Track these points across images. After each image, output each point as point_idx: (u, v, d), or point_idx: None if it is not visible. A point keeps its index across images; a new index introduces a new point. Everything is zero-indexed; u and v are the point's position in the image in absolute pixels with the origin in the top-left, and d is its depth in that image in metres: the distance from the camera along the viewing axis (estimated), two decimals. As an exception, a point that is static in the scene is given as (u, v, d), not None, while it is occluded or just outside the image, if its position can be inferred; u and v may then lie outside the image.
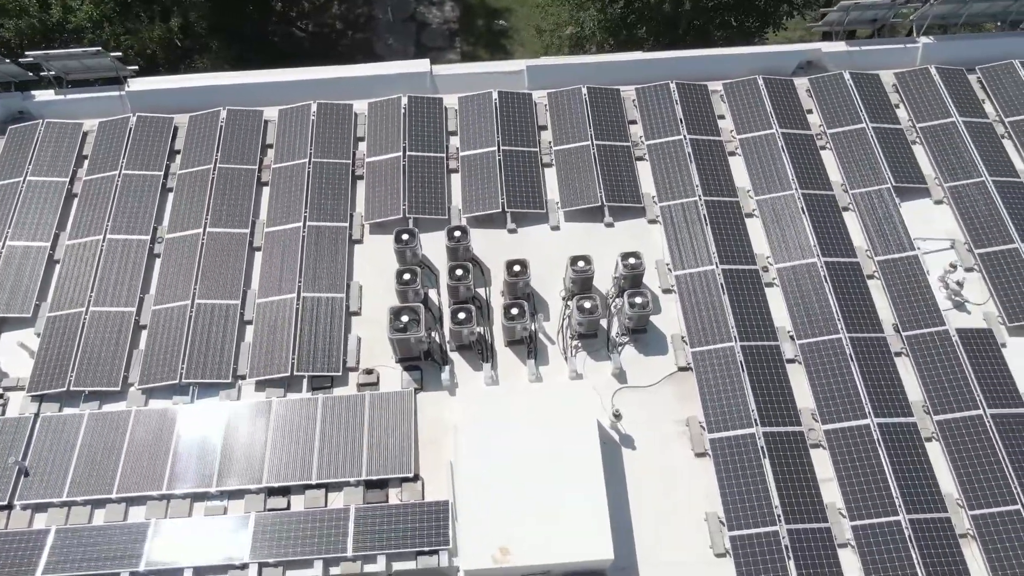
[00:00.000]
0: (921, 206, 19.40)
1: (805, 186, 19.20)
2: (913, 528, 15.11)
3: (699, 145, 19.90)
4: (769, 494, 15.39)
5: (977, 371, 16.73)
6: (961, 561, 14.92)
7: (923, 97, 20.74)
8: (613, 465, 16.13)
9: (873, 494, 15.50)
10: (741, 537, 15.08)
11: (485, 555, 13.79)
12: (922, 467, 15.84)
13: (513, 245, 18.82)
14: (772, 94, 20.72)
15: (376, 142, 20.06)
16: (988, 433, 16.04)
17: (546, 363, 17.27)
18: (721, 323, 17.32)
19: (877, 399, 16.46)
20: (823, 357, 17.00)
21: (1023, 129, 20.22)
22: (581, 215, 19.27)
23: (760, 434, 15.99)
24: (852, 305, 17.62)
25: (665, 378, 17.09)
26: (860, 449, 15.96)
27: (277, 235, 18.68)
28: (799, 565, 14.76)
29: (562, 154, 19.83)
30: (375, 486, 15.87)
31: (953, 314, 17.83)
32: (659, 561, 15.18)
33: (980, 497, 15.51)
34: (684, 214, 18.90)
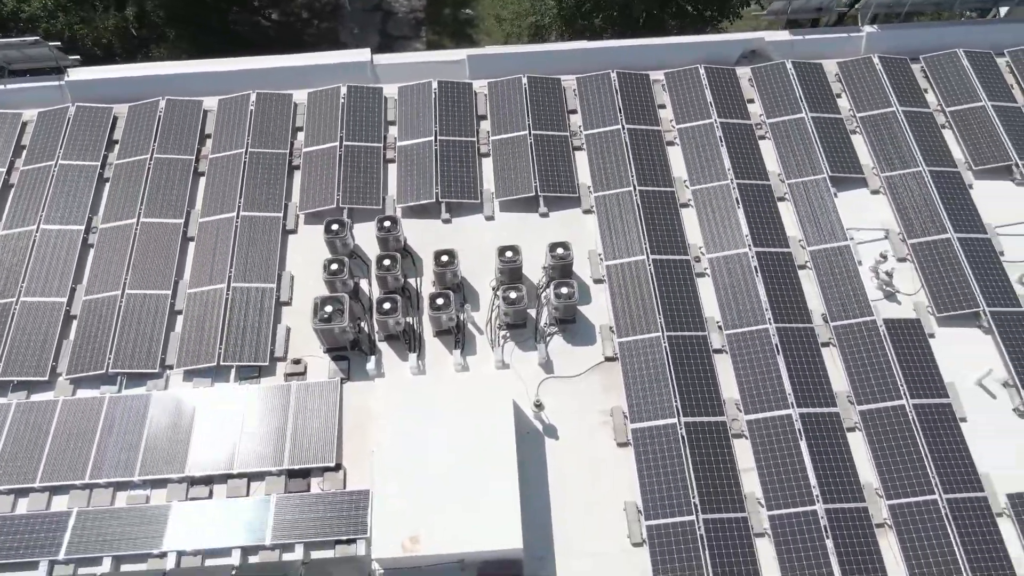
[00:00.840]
0: (857, 196, 19.35)
1: (741, 176, 19.15)
2: (829, 518, 15.16)
3: (637, 134, 19.85)
4: (688, 484, 15.44)
5: (902, 361, 16.73)
6: (876, 551, 14.98)
7: (864, 86, 20.65)
8: (536, 455, 16.20)
9: (791, 484, 15.55)
10: (657, 526, 15.14)
11: (395, 544, 13.88)
12: (842, 457, 15.87)
13: (447, 235, 18.81)
14: (713, 83, 20.64)
15: (314, 132, 20.02)
16: (909, 423, 16.08)
17: (474, 353, 17.31)
18: (649, 313, 17.33)
19: (801, 389, 16.47)
20: (749, 347, 17.01)
21: (963, 119, 20.17)
22: (516, 205, 19.25)
23: (682, 424, 16.03)
24: (781, 295, 17.62)
25: (591, 368, 17.12)
26: (781, 439, 15.99)
27: (210, 225, 18.69)
28: (714, 555, 14.84)
29: (499, 144, 19.78)
30: (297, 475, 15.93)
31: (883, 304, 17.84)
32: (578, 550, 15.24)
33: (898, 487, 15.54)
34: (619, 204, 18.87)
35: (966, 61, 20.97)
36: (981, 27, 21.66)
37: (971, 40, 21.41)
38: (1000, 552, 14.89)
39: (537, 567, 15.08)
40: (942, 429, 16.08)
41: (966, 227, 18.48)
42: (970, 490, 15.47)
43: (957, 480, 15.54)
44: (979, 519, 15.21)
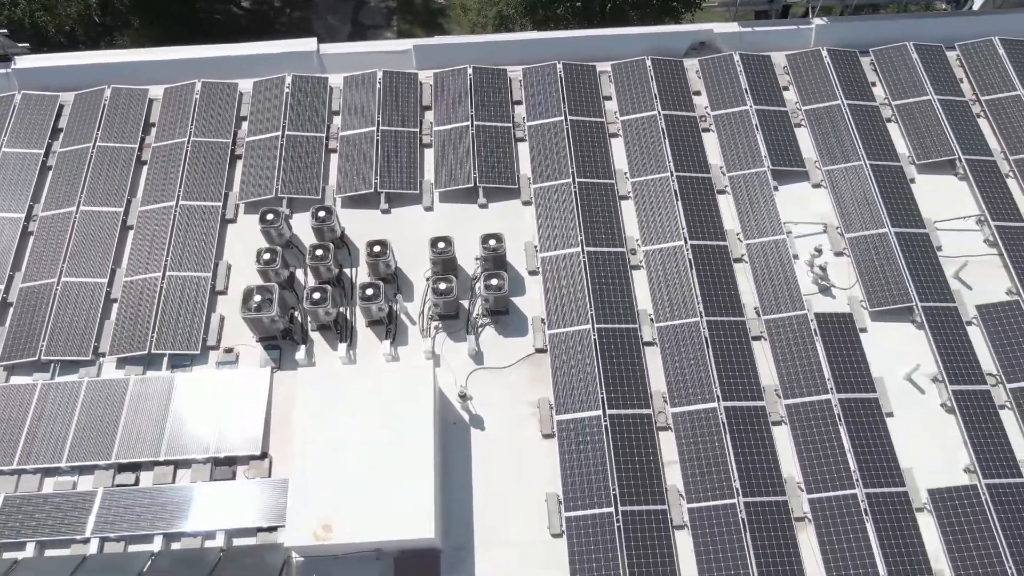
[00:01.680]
0: (799, 189, 19.28)
1: (681, 168, 19.10)
2: (748, 511, 15.21)
3: (580, 126, 19.81)
4: (608, 476, 15.50)
5: (831, 355, 16.72)
6: (794, 545, 15.04)
7: (811, 79, 20.54)
8: (461, 446, 16.29)
9: (713, 476, 15.59)
10: (576, 518, 15.21)
11: (308, 532, 13.98)
12: (765, 451, 15.89)
13: (385, 225, 18.84)
14: (659, 75, 20.56)
15: (257, 121, 20.03)
16: (834, 417, 16.08)
17: (405, 344, 17.36)
18: (581, 305, 17.35)
19: (728, 383, 16.49)
20: (679, 340, 17.02)
21: (909, 112, 20.06)
22: (456, 196, 19.24)
23: (606, 416, 16.07)
24: (714, 289, 17.60)
25: (521, 360, 17.16)
26: (705, 432, 16.02)
27: (150, 214, 18.75)
28: (631, 547, 14.91)
29: (441, 134, 19.76)
30: (223, 463, 16.06)
31: (818, 298, 17.80)
32: (497, 540, 15.33)
33: (819, 481, 15.57)
34: (557, 196, 18.85)
35: (915, 54, 20.83)
36: (932, 20, 21.48)
37: (922, 33, 21.26)
38: (917, 547, 14.91)
39: (456, 557, 15.20)
40: (867, 424, 16.08)
41: (904, 222, 18.40)
42: (890, 485, 15.49)
43: (878, 475, 15.55)
44: (898, 514, 15.23)
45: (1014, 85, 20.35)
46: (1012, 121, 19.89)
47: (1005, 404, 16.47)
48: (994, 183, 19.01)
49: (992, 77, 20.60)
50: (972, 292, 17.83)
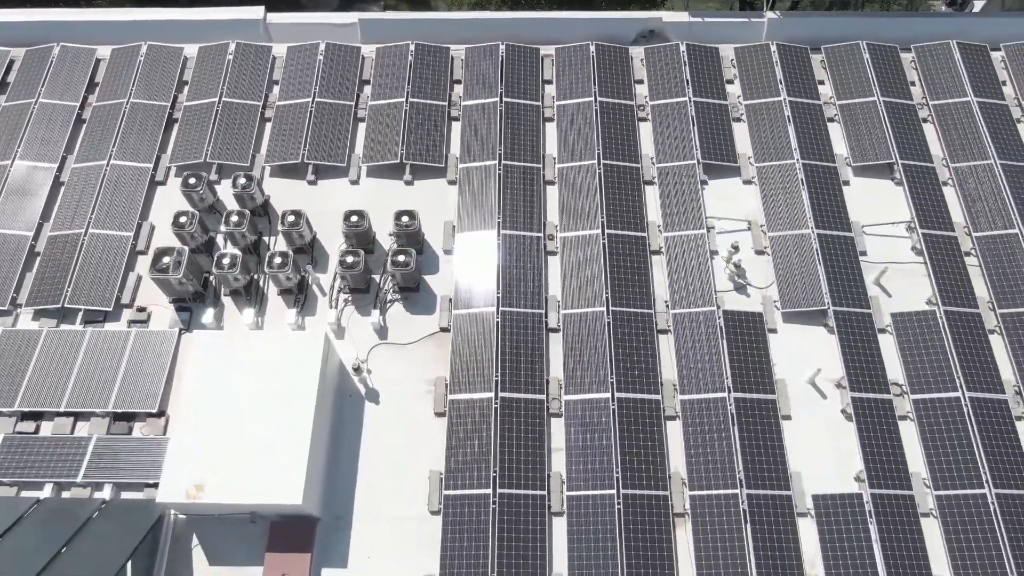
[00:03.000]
0: (729, 185, 18.97)
1: (609, 156, 18.91)
2: (626, 503, 15.11)
3: (515, 108, 19.67)
4: (491, 458, 15.53)
5: (733, 354, 16.51)
6: (670, 540, 14.97)
7: (757, 74, 20.14)
8: (354, 418, 16.43)
9: (596, 465, 15.52)
10: (455, 496, 15.28)
11: (181, 490, 14.24)
12: (655, 445, 15.72)
13: (311, 197, 18.94)
14: (602, 61, 20.32)
15: (198, 87, 20.21)
16: (727, 415, 15.86)
17: (313, 314, 17.52)
18: (489, 288, 17.31)
19: (626, 374, 16.37)
20: (584, 329, 16.93)
21: (852, 113, 19.57)
22: (383, 171, 19.27)
23: (497, 398, 16.09)
24: (626, 280, 17.45)
25: (425, 338, 17.22)
26: (594, 422, 15.94)
27: (81, 171, 19.06)
28: (503, 528, 14.94)
29: (376, 109, 19.77)
30: (122, 419, 16.40)
31: (732, 296, 17.58)
32: (376, 513, 15.47)
33: (704, 479, 15.38)
34: (482, 177, 18.79)
35: (867, 54, 20.30)
36: (890, 20, 20.90)
37: (879, 33, 20.72)
38: (792, 551, 14.76)
39: (334, 526, 15.37)
40: (760, 425, 15.88)
41: (830, 224, 18.04)
42: (775, 488, 15.31)
43: (764, 477, 15.37)
44: (778, 517, 15.07)
45: (964, 91, 19.77)
46: (958, 128, 19.35)
47: (907, 415, 16.16)
48: (929, 190, 18.52)
49: (944, 81, 20.03)
50: (891, 299, 17.45)
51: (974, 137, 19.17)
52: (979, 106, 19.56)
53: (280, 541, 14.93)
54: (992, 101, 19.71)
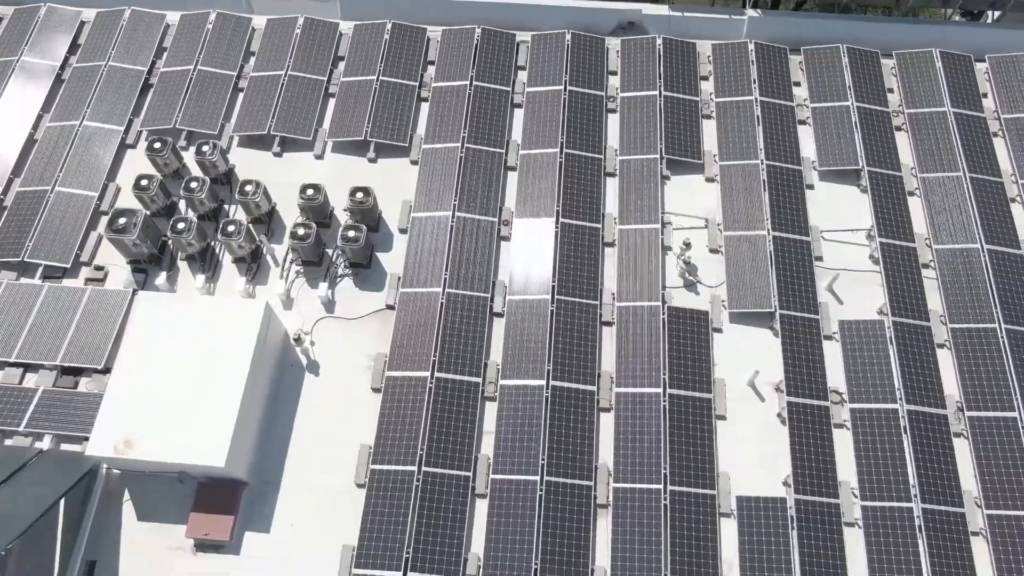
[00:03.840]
0: (692, 181, 18.82)
1: (572, 146, 18.82)
2: (549, 489, 15.18)
3: (485, 93, 19.65)
4: (419, 436, 15.67)
5: (674, 350, 16.43)
6: (589, 535, 15.01)
7: (731, 72, 19.91)
8: (292, 388, 16.66)
9: (522, 450, 15.60)
10: (381, 471, 15.46)
11: (110, 445, 14.58)
12: (583, 437, 15.77)
13: (276, 168, 19.15)
14: (576, 51, 20.23)
15: (175, 54, 20.48)
16: (659, 411, 15.83)
17: (265, 283, 17.74)
18: (437, 268, 17.39)
19: (564, 364, 16.38)
20: (524, 315, 16.92)
21: (824, 116, 19.25)
22: (348, 147, 19.41)
23: (432, 378, 16.20)
24: (574, 269, 17.43)
25: (370, 314, 17.39)
26: (526, 408, 16.01)
27: (55, 130, 19.45)
28: (424, 506, 15.10)
29: (346, 86, 19.89)
30: (69, 372, 16.80)
31: (682, 292, 17.50)
32: (304, 482, 15.72)
33: (631, 473, 15.41)
34: (444, 159, 18.83)
35: (846, 58, 19.96)
36: (875, 24, 20.44)
37: (864, 37, 20.36)
38: (710, 551, 14.72)
39: (262, 492, 15.63)
40: (693, 423, 15.82)
41: (788, 227, 17.83)
42: (700, 486, 15.27)
43: (690, 474, 15.33)
44: (700, 515, 15.03)
45: (942, 101, 19.39)
46: (931, 138, 18.99)
47: (844, 423, 16.01)
48: (893, 199, 18.22)
49: (923, 89, 19.65)
50: (842, 307, 17.25)
51: (946, 148, 18.80)
52: (955, 117, 19.17)
53: (205, 502, 15.23)
54: (969, 112, 19.30)
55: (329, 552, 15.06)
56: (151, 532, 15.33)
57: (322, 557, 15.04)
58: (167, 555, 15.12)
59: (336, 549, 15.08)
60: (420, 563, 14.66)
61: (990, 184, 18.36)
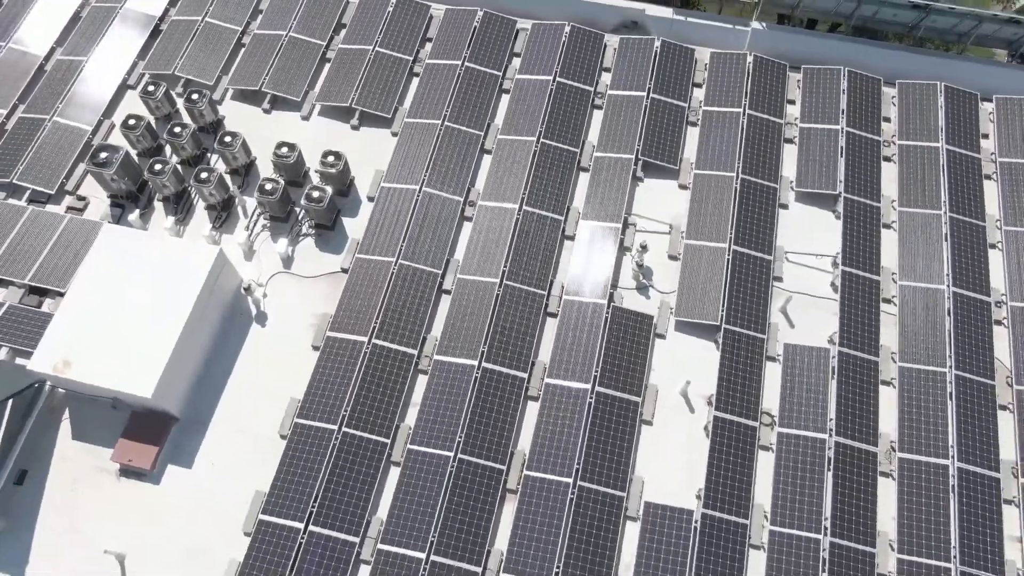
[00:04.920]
0: (664, 186, 18.66)
1: (550, 137, 18.80)
2: (460, 467, 15.41)
3: (475, 75, 19.78)
4: (346, 397, 15.98)
5: (610, 351, 16.38)
6: (492, 523, 15.16)
7: (725, 82, 19.62)
8: (238, 335, 17.17)
9: (443, 426, 15.77)
10: (303, 426, 15.84)
11: (51, 363, 15.30)
12: (506, 424, 15.89)
13: (263, 123, 19.68)
14: (572, 44, 20.20)
15: (188, 3, 21.19)
16: (583, 407, 15.83)
17: (231, 232, 18.29)
18: (396, 238, 17.65)
19: (500, 348, 16.45)
20: (471, 295, 17.07)
21: (811, 137, 18.80)
22: (335, 112, 19.81)
23: (370, 343, 16.51)
24: (528, 258, 17.46)
25: (324, 275, 17.78)
26: (458, 383, 16.19)
27: (63, 64, 20.33)
28: (339, 465, 15.41)
29: (343, 52, 20.26)
30: (36, 292, 17.63)
31: (632, 294, 17.43)
32: (232, 426, 16.21)
33: (546, 463, 15.50)
34: (422, 135, 19.01)
35: (846, 81, 19.48)
36: (882, 50, 19.82)
37: (869, 62, 19.80)
38: (608, 551, 14.68)
39: (191, 429, 16.20)
40: (616, 424, 15.78)
41: (751, 243, 17.57)
42: (610, 486, 15.23)
43: (603, 474, 15.31)
44: (604, 515, 15.00)
45: (936, 135, 18.79)
46: (918, 172, 18.43)
47: (770, 446, 15.76)
48: (866, 229, 17.76)
49: (919, 122, 19.06)
50: (792, 330, 16.95)
51: (932, 184, 18.23)
52: (948, 154, 18.56)
53: (135, 430, 15.86)
54: (963, 151, 18.66)
55: (242, 495, 15.55)
56: (82, 451, 16.05)
57: (235, 499, 15.52)
58: (93, 475, 15.82)
59: (249, 493, 15.55)
60: (324, 519, 15.03)
61: (970, 226, 17.75)
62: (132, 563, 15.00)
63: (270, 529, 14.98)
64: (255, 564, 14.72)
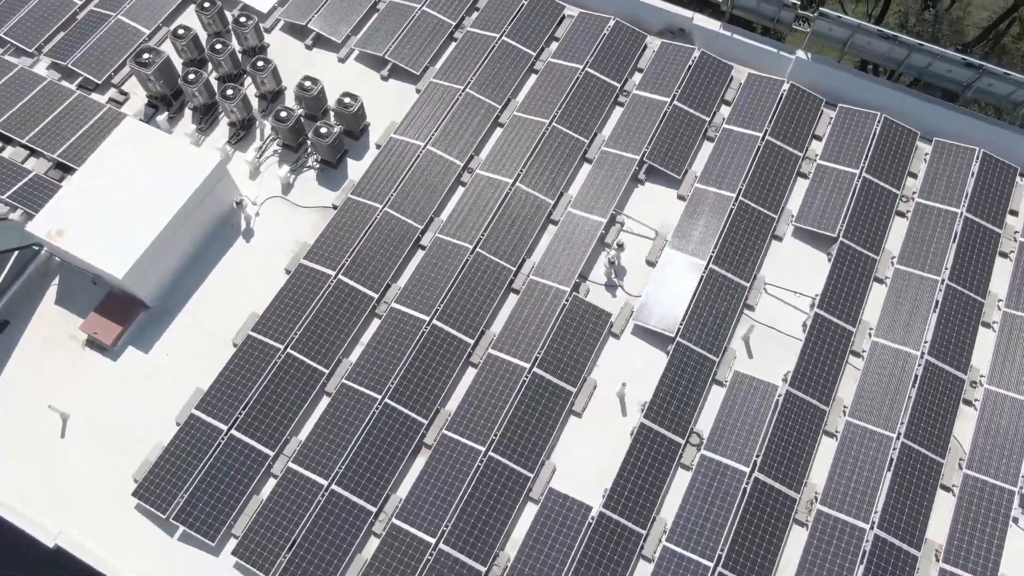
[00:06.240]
0: (662, 192, 18.50)
1: (563, 123, 18.94)
2: (384, 410, 15.85)
3: (510, 51, 20.08)
4: (299, 321, 16.68)
5: (560, 338, 16.45)
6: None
7: (754, 104, 19.20)
8: (223, 245, 18.17)
9: (381, 369, 16.27)
10: (254, 339, 16.59)
11: (46, 228, 16.61)
12: (442, 380, 16.24)
13: (301, 58, 20.61)
14: (612, 38, 20.21)
15: (266, -65, 22.42)
16: (519, 381, 15.96)
17: (244, 151, 19.29)
18: (387, 187, 18.20)
19: (454, 311, 16.82)
20: (445, 255, 17.47)
21: (826, 176, 18.19)
22: (370, 61, 20.55)
23: (335, 278, 17.14)
24: (509, 234, 17.70)
25: (315, 207, 18.52)
26: (406, 334, 16.64)
27: (143, -30, 21.94)
28: (275, 382, 16.15)
29: (391, 5, 20.95)
30: (61, 168, 19.03)
31: (600, 290, 17.41)
32: (195, 325, 17.18)
33: (463, 426, 15.77)
34: (443, 96, 19.49)
35: (878, 126, 18.75)
36: (927, 104, 18.86)
37: (914, 114, 18.96)
38: (499, 529, 14.83)
39: (157, 319, 17.27)
40: (543, 407, 15.88)
41: (730, 266, 17.23)
42: (519, 464, 15.33)
43: (516, 451, 15.43)
44: (507, 492, 15.12)
45: (959, 201, 17.86)
46: (929, 233, 17.58)
47: (689, 465, 15.51)
48: (854, 279, 17.10)
49: (944, 184, 18.16)
50: (750, 360, 16.57)
51: (938, 249, 17.38)
52: (965, 222, 17.65)
53: (107, 307, 17.06)
54: (984, 223, 17.70)
55: (185, 388, 16.51)
56: (60, 316, 17.38)
57: (178, 390, 16.49)
58: (63, 339, 17.12)
59: (191, 389, 16.52)
60: (247, 427, 15.80)
61: (966, 299, 16.86)
62: (69, 427, 16.22)
63: (197, 424, 15.87)
64: (176, 452, 15.63)
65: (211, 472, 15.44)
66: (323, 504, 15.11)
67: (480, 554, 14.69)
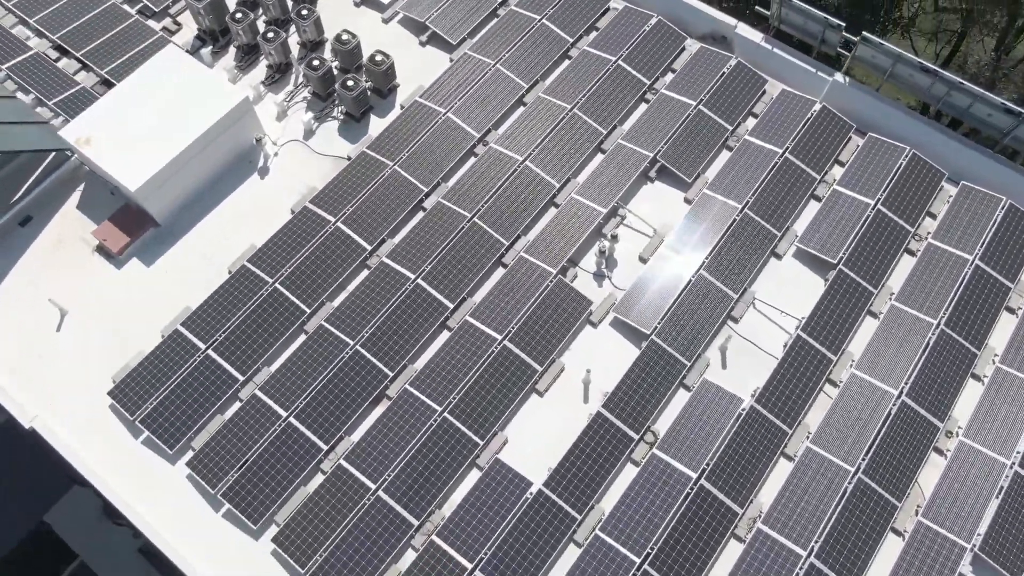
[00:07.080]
0: (670, 193, 18.40)
1: (585, 111, 19.03)
2: (353, 355, 16.27)
3: (545, 34, 20.27)
4: (292, 260, 17.27)
5: (538, 314, 16.60)
6: (365, 408, 15.92)
7: (781, 120, 18.88)
8: (237, 178, 18.92)
9: (358, 318, 16.72)
10: (247, 269, 17.25)
11: (76, 135, 17.60)
12: (413, 337, 16.59)
13: (348, 14, 21.23)
14: (651, 36, 20.16)
15: None
16: (489, 350, 16.17)
17: (276, 94, 20.00)
18: (401, 147, 18.66)
19: (440, 274, 17.15)
20: (444, 221, 17.79)
21: (839, 202, 17.79)
22: (411, 25, 21.01)
23: (335, 225, 17.67)
24: (506, 208, 17.91)
25: (331, 157, 19.08)
26: (388, 288, 17.03)
27: (218, -89, 22.87)
28: (256, 312, 16.78)
29: (442, -25, 21.46)
30: (107, 84, 20.12)
31: (588, 278, 17.45)
32: (197, 246, 17.98)
33: (426, 384, 16.07)
34: (474, 68, 19.80)
35: (904, 160, 18.22)
36: (957, 144, 18.05)
37: (940, 152, 18.34)
38: (438, 489, 15.10)
39: (164, 237, 18.11)
40: (506, 380, 16.04)
41: (721, 275, 17.03)
42: (471, 430, 15.57)
43: (471, 419, 15.66)
44: (453, 455, 15.38)
45: (973, 248, 17.21)
46: (935, 275, 17.01)
47: (640, 462, 15.43)
48: (846, 309, 16.69)
49: (962, 230, 17.52)
50: (722, 371, 16.39)
51: (940, 292, 16.80)
52: (975, 271, 17.01)
53: (119, 218, 17.98)
54: (995, 274, 17.02)
55: (176, 305, 17.29)
56: (77, 220, 18.40)
57: (169, 306, 17.25)
58: (76, 241, 18.13)
59: (181, 306, 17.30)
60: (223, 349, 16.45)
61: (959, 347, 16.27)
62: (66, 322, 17.18)
63: (179, 339, 16.62)
64: (154, 362, 16.40)
65: (182, 386, 16.15)
66: (278, 433, 15.67)
67: (416, 508, 14.99)
